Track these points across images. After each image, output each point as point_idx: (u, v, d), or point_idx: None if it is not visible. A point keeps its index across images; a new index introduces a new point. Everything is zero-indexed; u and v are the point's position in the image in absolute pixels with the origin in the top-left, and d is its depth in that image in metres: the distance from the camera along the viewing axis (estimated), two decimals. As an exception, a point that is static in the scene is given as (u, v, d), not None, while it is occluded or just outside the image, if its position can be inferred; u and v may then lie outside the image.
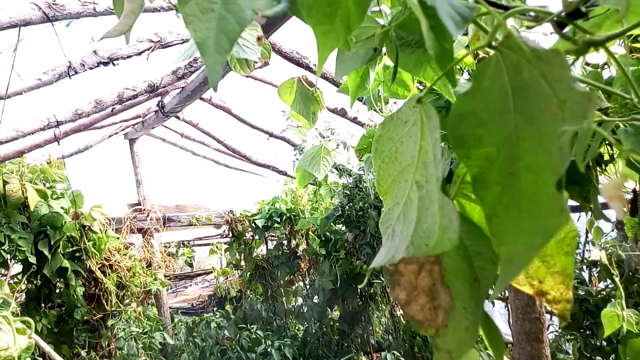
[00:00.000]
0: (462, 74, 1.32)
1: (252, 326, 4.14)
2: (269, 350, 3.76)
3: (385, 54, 0.78)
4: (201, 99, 3.96)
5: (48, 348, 1.35)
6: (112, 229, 4.48)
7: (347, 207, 4.62)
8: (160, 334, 3.67)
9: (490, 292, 0.49)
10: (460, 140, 0.41)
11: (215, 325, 4.14)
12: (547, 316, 4.27)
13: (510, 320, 1.90)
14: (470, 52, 0.80)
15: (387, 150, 0.50)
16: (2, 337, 0.97)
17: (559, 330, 4.01)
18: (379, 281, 4.22)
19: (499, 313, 5.60)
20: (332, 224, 4.93)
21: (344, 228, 4.93)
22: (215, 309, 5.70)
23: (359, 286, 4.86)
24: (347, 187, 4.60)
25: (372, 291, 5.12)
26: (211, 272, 7.20)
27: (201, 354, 3.93)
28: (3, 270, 3.48)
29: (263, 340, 3.87)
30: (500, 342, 0.50)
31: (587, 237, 4.27)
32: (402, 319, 4.92)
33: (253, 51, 0.89)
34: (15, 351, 0.98)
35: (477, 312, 0.48)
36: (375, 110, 1.20)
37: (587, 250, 4.36)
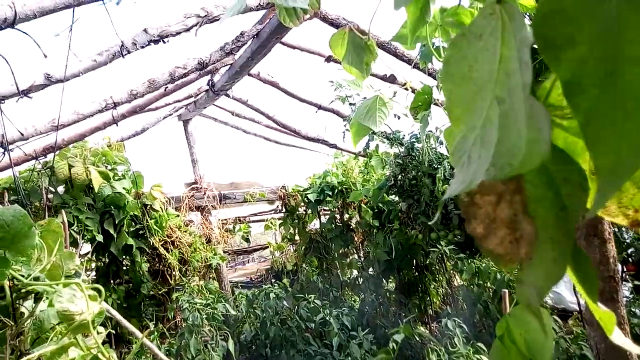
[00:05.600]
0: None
1: (309, 296, 4.21)
2: (327, 319, 3.81)
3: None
4: (249, 74, 3.97)
5: (119, 316, 1.42)
6: (172, 207, 4.66)
7: (399, 177, 4.54)
8: (223, 305, 3.80)
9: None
10: (547, 42, 0.36)
11: (274, 296, 4.24)
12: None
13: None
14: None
15: (459, 72, 0.46)
16: (76, 302, 1.02)
17: (630, 295, 3.80)
18: (434, 249, 4.14)
19: (562, 280, 5.38)
20: (384, 194, 4.87)
21: (396, 198, 4.86)
22: (273, 281, 5.85)
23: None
24: (399, 156, 4.51)
25: (427, 262, 5.06)
26: (267, 247, 7.38)
27: (262, 324, 4.04)
28: (73, 249, 3.70)
29: (321, 310, 3.93)
30: (593, 276, 0.46)
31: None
32: (459, 290, 4.83)
33: (302, -1, 0.86)
34: (89, 315, 1.03)
35: (566, 242, 0.43)
36: (431, 60, 1.14)
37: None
